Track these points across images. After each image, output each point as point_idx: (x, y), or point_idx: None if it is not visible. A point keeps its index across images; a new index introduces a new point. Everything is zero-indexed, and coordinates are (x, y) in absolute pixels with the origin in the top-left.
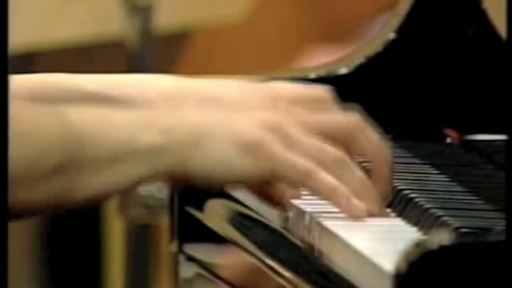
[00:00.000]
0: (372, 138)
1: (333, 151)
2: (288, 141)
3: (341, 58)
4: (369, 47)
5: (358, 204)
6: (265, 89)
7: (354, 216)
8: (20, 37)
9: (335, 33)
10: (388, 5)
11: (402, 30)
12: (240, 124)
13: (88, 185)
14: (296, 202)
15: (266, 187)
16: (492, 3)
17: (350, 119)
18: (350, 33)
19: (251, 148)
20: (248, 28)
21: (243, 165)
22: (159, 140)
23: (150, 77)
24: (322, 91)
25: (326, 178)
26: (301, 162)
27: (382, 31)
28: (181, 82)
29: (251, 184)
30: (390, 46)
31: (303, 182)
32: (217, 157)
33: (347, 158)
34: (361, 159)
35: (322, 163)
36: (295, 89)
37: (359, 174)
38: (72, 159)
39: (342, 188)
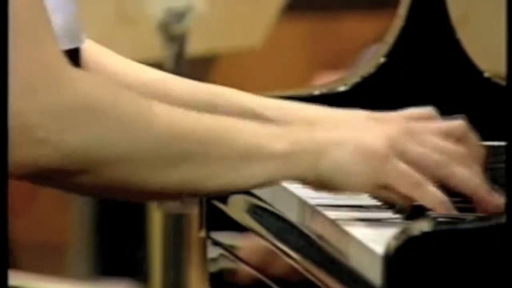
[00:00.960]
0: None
1: (445, 149)
2: (404, 152)
3: (340, 78)
4: (364, 69)
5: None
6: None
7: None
8: None
9: (337, 59)
10: (379, 38)
11: (390, 55)
12: (364, 136)
13: (215, 179)
14: (302, 196)
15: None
16: (464, 33)
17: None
18: (349, 59)
19: (373, 153)
20: (265, 54)
21: (366, 166)
22: (287, 148)
23: (298, 104)
24: (459, 124)
25: (432, 190)
26: (413, 175)
27: (374, 57)
28: (321, 111)
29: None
30: (381, 68)
31: (413, 192)
32: (342, 164)
33: (460, 155)
34: None
35: (434, 166)
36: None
37: (465, 175)
38: (201, 152)
39: (445, 200)
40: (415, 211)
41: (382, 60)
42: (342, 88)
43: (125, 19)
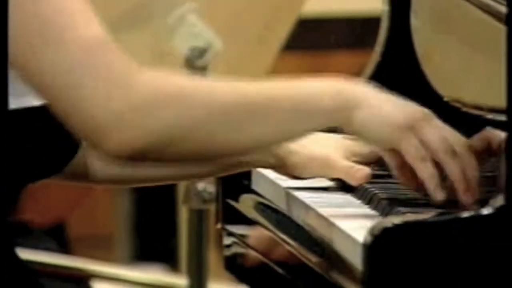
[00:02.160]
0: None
1: (449, 142)
2: (419, 131)
3: None
4: None
5: (439, 193)
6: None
7: (435, 198)
8: None
9: None
10: (360, 70)
11: (370, 82)
12: (390, 106)
13: (277, 134)
14: (297, 195)
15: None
16: (427, 66)
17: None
18: None
19: (393, 124)
20: None
21: (385, 131)
22: (333, 104)
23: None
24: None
25: (430, 167)
26: (420, 150)
27: None
28: None
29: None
30: None
31: (415, 162)
32: (371, 120)
33: (459, 147)
34: None
35: (437, 149)
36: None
37: (468, 161)
38: (263, 113)
39: (435, 178)
40: (387, 208)
41: None
42: None
43: (159, 56)
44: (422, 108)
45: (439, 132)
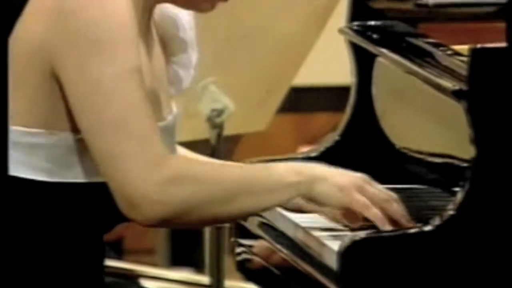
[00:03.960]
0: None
1: (383, 195)
2: (361, 190)
3: (312, 148)
4: (326, 143)
5: (388, 226)
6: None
7: (384, 229)
8: None
9: (310, 139)
10: (335, 126)
11: (342, 135)
12: (338, 177)
13: (259, 205)
14: (290, 216)
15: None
16: (384, 122)
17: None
18: (317, 139)
19: (342, 189)
20: (268, 135)
21: (337, 196)
22: (297, 179)
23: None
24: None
25: (376, 211)
26: (365, 201)
27: (332, 136)
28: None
29: (340, 208)
30: (336, 143)
31: (364, 211)
32: (326, 190)
33: (390, 199)
34: None
35: (376, 201)
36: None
37: (396, 206)
38: (248, 191)
39: (382, 217)
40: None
41: (337, 138)
42: (313, 154)
43: (188, 115)
44: (360, 174)
45: (375, 189)
